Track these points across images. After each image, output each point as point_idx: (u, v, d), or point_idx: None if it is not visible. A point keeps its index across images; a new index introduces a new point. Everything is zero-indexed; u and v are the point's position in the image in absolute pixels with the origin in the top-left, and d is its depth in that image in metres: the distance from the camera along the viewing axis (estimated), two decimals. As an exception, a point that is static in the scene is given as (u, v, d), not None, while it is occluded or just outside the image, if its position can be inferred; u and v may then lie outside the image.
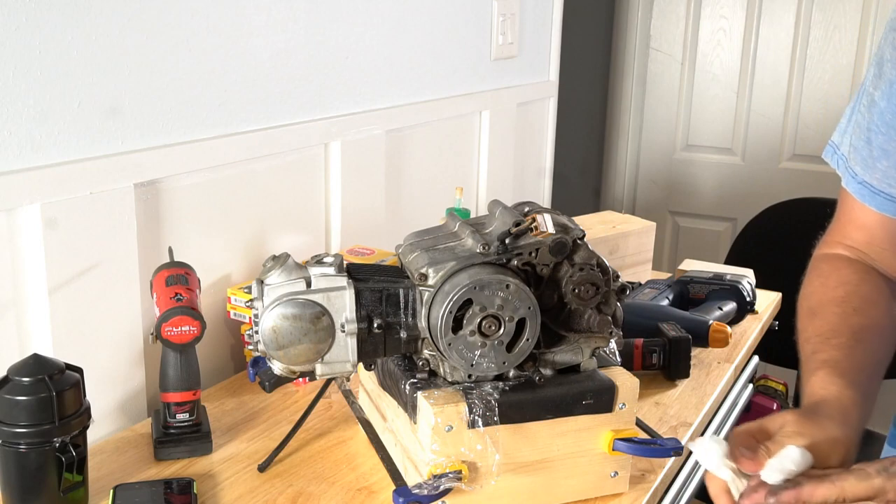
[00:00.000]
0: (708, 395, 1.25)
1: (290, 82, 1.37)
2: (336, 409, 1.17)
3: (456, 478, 0.87)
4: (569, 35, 2.20)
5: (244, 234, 1.34)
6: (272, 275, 0.87)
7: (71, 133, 1.06)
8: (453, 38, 1.75)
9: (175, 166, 1.19)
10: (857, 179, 0.95)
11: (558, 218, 0.94)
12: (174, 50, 1.17)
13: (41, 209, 1.01)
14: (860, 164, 0.94)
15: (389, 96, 1.60)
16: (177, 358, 1.04)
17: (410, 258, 0.92)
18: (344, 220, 1.51)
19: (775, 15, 2.73)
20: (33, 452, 0.87)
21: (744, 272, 1.57)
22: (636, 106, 2.99)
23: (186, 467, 1.04)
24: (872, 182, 0.93)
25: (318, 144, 1.45)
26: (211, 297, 1.28)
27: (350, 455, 1.07)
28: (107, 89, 1.09)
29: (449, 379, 0.91)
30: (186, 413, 1.05)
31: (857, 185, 0.95)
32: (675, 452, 0.94)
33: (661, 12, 2.88)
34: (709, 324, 1.33)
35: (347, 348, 0.88)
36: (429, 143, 1.74)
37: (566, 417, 0.92)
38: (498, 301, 0.86)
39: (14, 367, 0.88)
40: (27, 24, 0.99)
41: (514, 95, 1.99)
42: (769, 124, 2.80)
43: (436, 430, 0.87)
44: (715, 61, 2.83)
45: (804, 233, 1.07)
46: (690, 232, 2.98)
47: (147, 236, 1.17)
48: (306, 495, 0.98)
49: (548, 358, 0.93)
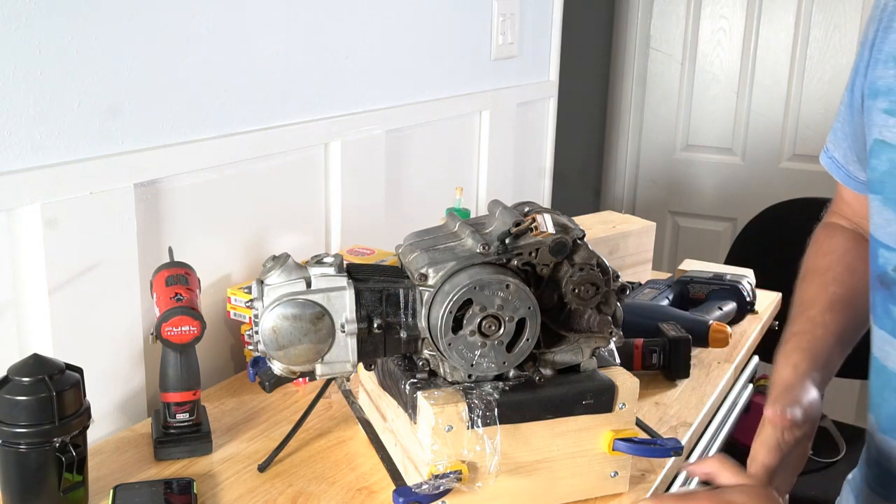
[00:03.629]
0: (708, 395, 1.25)
1: (290, 82, 1.37)
2: (336, 409, 1.17)
3: (456, 478, 0.87)
4: (569, 35, 2.20)
5: (244, 234, 1.34)
6: (272, 275, 0.87)
7: (71, 133, 1.06)
8: (453, 38, 1.75)
9: (175, 166, 1.19)
10: (828, 154, 1.01)
11: (558, 218, 0.94)
12: (174, 50, 1.17)
13: (41, 209, 1.01)
14: (832, 141, 1.00)
15: (389, 96, 1.60)
16: (177, 358, 1.04)
17: (410, 258, 0.92)
18: (344, 220, 1.51)
19: (775, 15, 2.73)
20: (33, 452, 0.87)
21: (744, 272, 1.57)
22: (636, 106, 2.99)
23: (186, 467, 1.04)
24: (837, 157, 0.99)
25: (318, 144, 1.45)
26: (211, 297, 1.28)
27: (350, 455, 1.07)
28: (107, 89, 1.09)
29: (449, 379, 0.91)
30: (186, 413, 1.05)
31: (828, 160, 1.02)
32: (675, 452, 0.94)
33: (661, 12, 2.88)
34: (709, 324, 1.33)
35: (347, 348, 0.88)
36: (429, 143, 1.74)
37: (566, 417, 0.92)
38: (498, 301, 0.86)
39: (14, 367, 0.88)
40: (27, 24, 0.99)
41: (514, 95, 1.99)
42: (769, 124, 2.80)
43: (436, 430, 0.87)
44: (715, 61, 2.83)
45: (804, 233, 1.07)
46: (690, 232, 2.98)
47: (147, 236, 1.17)
48: (306, 495, 0.98)
49: (548, 358, 0.93)
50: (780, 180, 2.78)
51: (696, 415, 1.19)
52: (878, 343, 0.88)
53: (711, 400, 1.24)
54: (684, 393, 1.25)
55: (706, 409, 1.21)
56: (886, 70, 0.80)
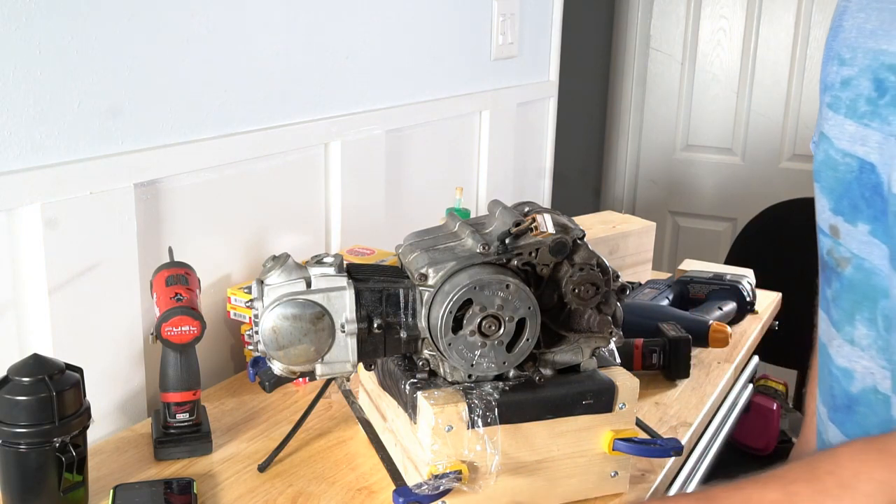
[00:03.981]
0: (708, 395, 1.25)
1: (290, 82, 1.37)
2: (336, 409, 1.17)
3: (456, 478, 0.87)
4: (569, 35, 2.20)
5: (244, 234, 1.34)
6: (272, 275, 0.87)
7: (71, 133, 1.06)
8: (453, 38, 1.75)
9: (175, 166, 1.19)
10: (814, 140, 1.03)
11: (558, 218, 0.94)
12: (174, 50, 1.17)
13: (41, 209, 1.01)
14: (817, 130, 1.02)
15: (389, 96, 1.60)
16: (177, 358, 1.04)
17: (410, 258, 0.92)
18: (344, 220, 1.51)
19: (775, 15, 2.73)
20: (33, 452, 0.87)
21: (744, 272, 1.57)
22: (636, 106, 2.99)
23: (186, 467, 1.04)
24: None
25: (318, 144, 1.45)
26: (211, 297, 1.28)
27: (350, 455, 1.07)
28: (107, 89, 1.09)
29: (449, 379, 0.91)
30: (186, 413, 1.05)
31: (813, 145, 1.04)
32: (674, 452, 0.94)
33: (661, 12, 2.88)
34: (709, 324, 1.33)
35: (347, 348, 0.88)
36: (429, 143, 1.74)
37: (566, 417, 0.92)
38: (498, 301, 0.86)
39: (14, 367, 0.88)
40: (27, 24, 0.99)
41: (514, 95, 1.99)
42: (769, 124, 2.80)
43: (436, 430, 0.87)
44: (715, 61, 2.83)
45: (804, 233, 1.07)
46: (690, 232, 2.98)
47: (147, 236, 1.17)
48: (306, 495, 0.98)
49: (548, 358, 0.93)
50: (780, 180, 2.78)
51: (696, 415, 1.19)
52: (819, 324, 0.90)
53: (711, 400, 1.24)
54: (684, 393, 1.25)
55: (706, 409, 1.21)
56: (832, 67, 0.83)
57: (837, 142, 0.80)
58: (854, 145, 0.78)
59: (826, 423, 0.91)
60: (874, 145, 0.75)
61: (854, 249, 0.80)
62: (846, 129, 0.79)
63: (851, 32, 0.80)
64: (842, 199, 0.80)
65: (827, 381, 0.89)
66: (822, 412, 0.92)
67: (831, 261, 0.84)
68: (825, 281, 0.87)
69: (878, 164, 0.75)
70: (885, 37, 0.75)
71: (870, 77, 0.76)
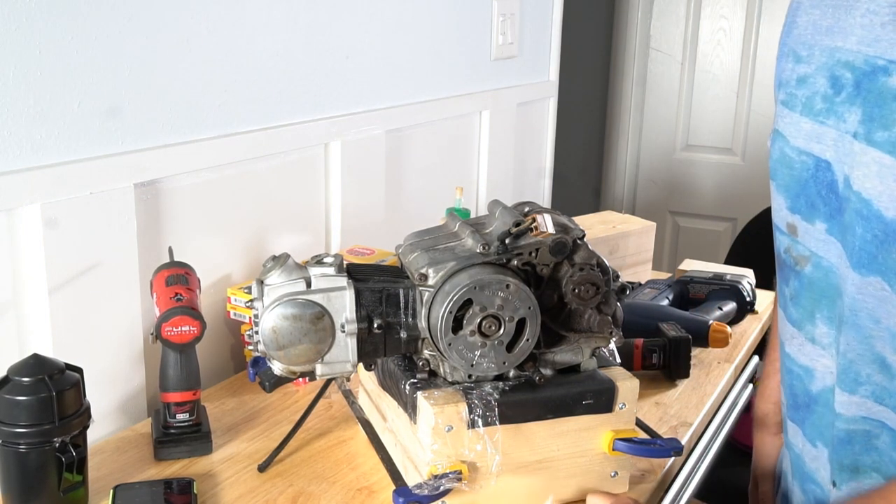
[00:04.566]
0: (708, 395, 1.25)
1: (290, 82, 1.37)
2: (336, 409, 1.17)
3: (456, 478, 0.87)
4: (569, 35, 2.20)
5: (244, 234, 1.34)
6: (272, 275, 0.87)
7: (71, 133, 1.06)
8: (453, 38, 1.75)
9: (175, 166, 1.19)
10: None
11: (558, 218, 0.94)
12: (174, 50, 1.17)
13: (41, 209, 1.01)
14: None
15: (389, 96, 1.60)
16: (177, 358, 1.04)
17: (410, 258, 0.92)
18: (344, 220, 1.51)
19: (775, 15, 2.73)
20: (33, 452, 0.87)
21: (744, 272, 1.57)
22: (636, 106, 2.99)
23: (186, 467, 1.04)
24: None
25: (318, 144, 1.45)
26: (211, 297, 1.28)
27: (350, 455, 1.07)
28: (107, 89, 1.09)
29: (449, 379, 0.91)
30: (186, 413, 1.05)
31: None
32: (674, 452, 0.94)
33: (661, 12, 2.89)
34: (709, 324, 1.33)
35: (347, 348, 0.88)
36: (429, 143, 1.74)
37: (566, 417, 0.92)
38: (498, 301, 0.86)
39: (14, 367, 0.88)
40: (27, 24, 0.99)
41: (514, 95, 1.99)
42: (769, 124, 2.79)
43: (436, 430, 0.87)
44: (715, 61, 2.84)
45: (804, 233, 1.07)
46: (690, 232, 2.99)
47: (147, 236, 1.17)
48: (306, 495, 0.98)
49: (548, 358, 0.93)
50: (780, 180, 2.77)
51: (696, 415, 1.19)
52: (777, 322, 0.91)
53: (711, 400, 1.24)
54: (684, 393, 1.25)
55: (706, 409, 1.21)
56: (787, 63, 0.83)
57: (793, 140, 0.80)
58: (810, 143, 0.77)
59: (786, 421, 0.91)
60: (830, 143, 0.75)
61: (812, 248, 0.79)
62: (802, 127, 0.78)
63: (807, 29, 0.79)
64: (798, 197, 0.80)
65: (786, 379, 0.89)
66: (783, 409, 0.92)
67: (789, 259, 0.84)
68: (783, 279, 0.86)
69: (833, 162, 0.74)
70: (840, 33, 0.74)
71: (826, 74, 0.76)
